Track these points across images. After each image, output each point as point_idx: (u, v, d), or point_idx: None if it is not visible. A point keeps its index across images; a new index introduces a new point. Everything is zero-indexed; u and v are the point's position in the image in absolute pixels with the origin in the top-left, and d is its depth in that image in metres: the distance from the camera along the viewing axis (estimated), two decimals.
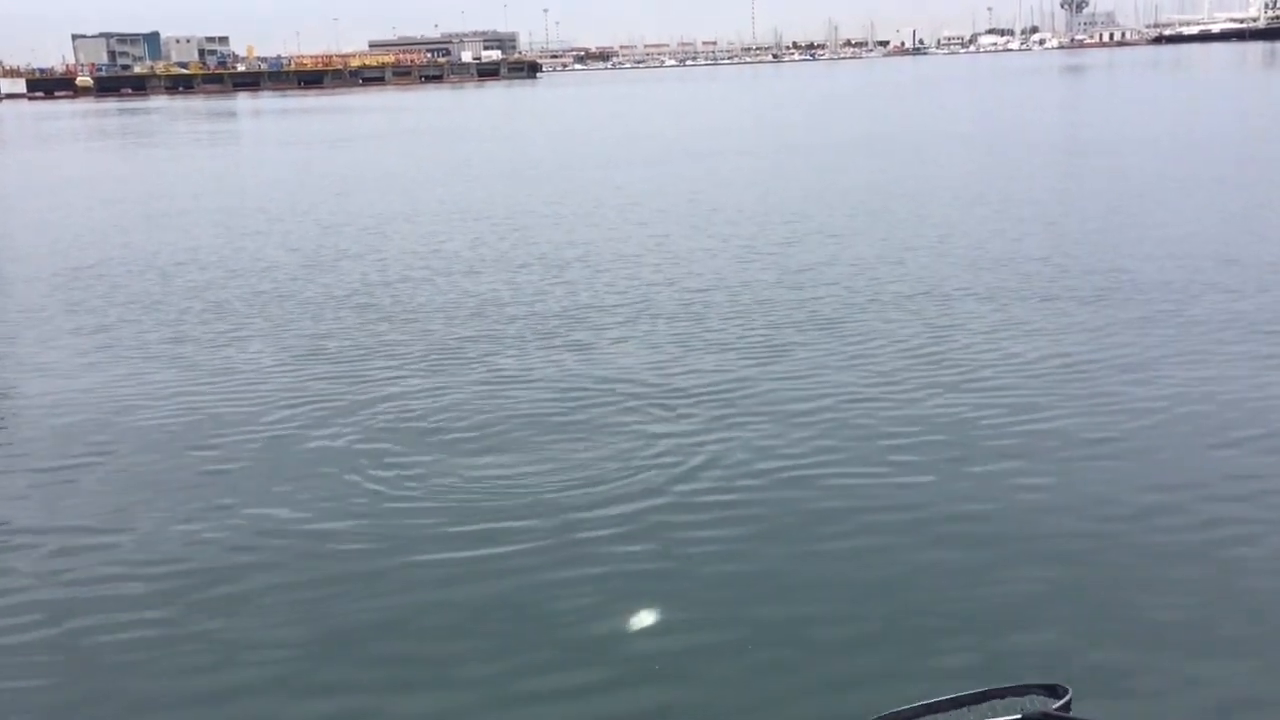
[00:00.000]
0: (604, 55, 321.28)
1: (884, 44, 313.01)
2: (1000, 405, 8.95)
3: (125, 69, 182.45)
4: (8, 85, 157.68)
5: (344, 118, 74.91)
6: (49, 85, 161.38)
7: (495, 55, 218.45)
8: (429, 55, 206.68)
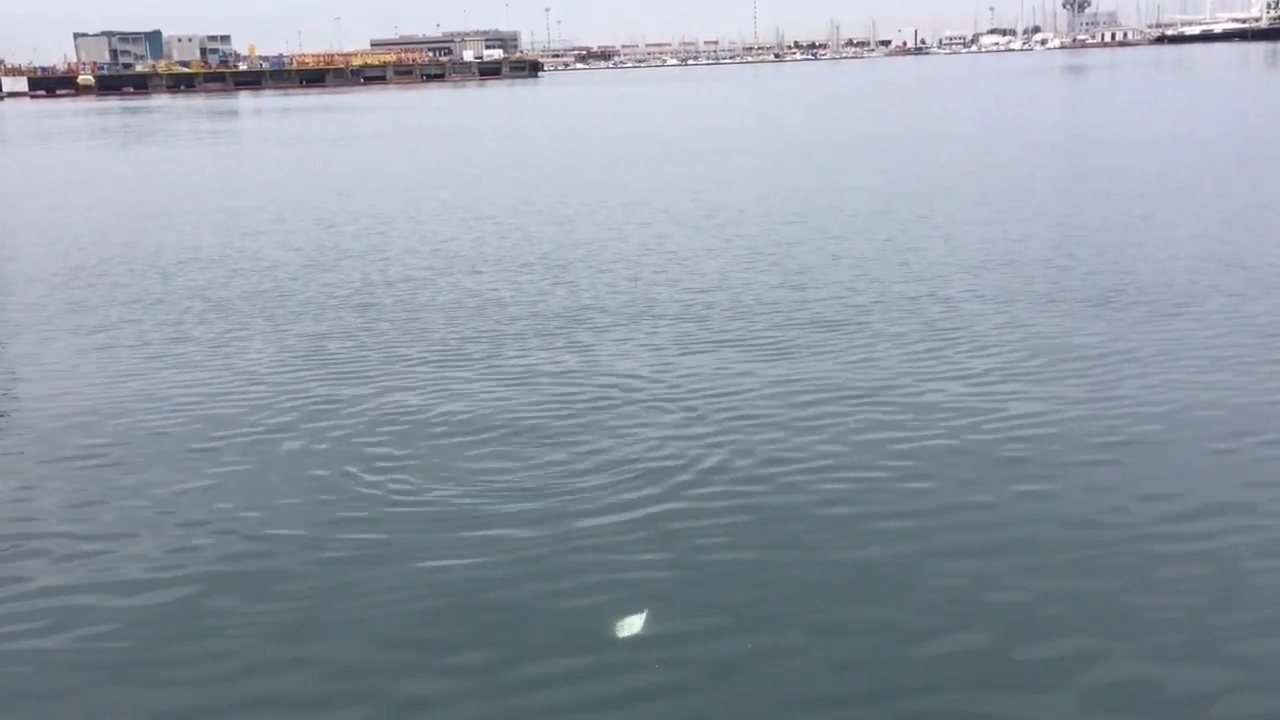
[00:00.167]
0: (605, 55, 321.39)
1: (886, 44, 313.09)
2: (1004, 407, 8.92)
3: (127, 68, 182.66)
4: (10, 84, 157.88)
5: (345, 117, 74.93)
6: (51, 84, 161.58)
7: (497, 54, 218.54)
8: (431, 54, 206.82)
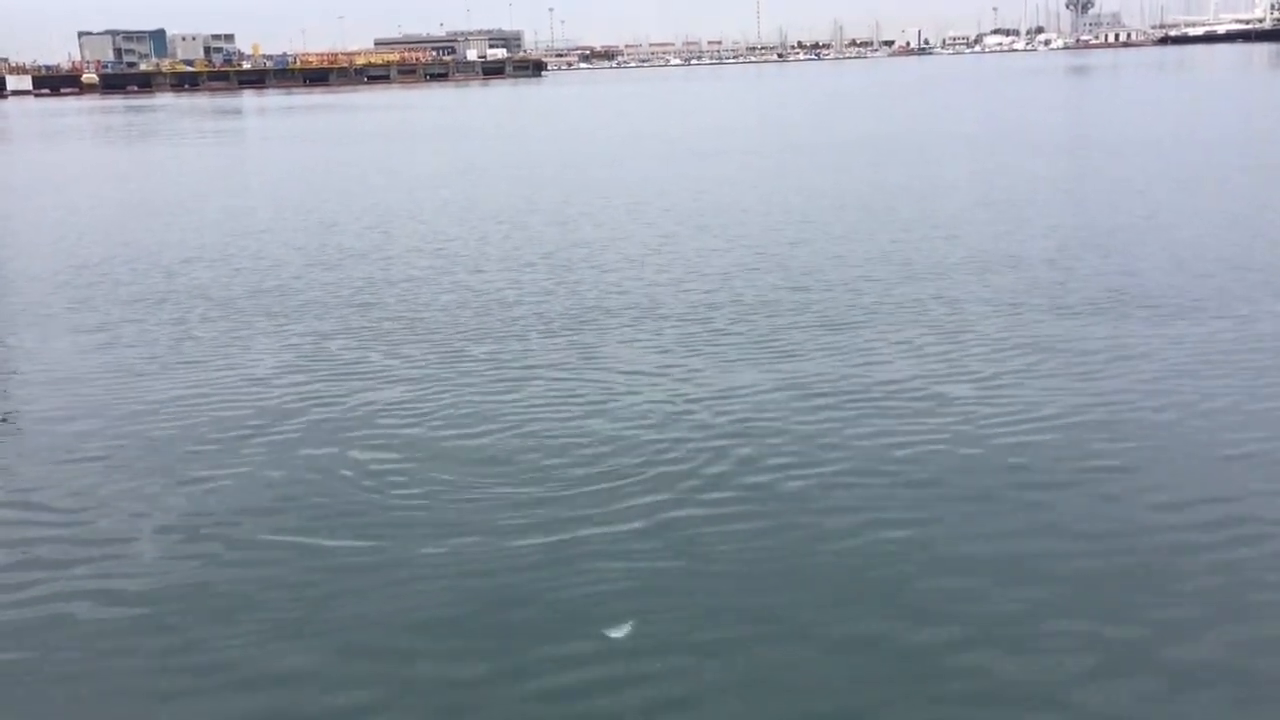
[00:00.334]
0: (609, 54, 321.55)
1: (889, 44, 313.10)
2: (1009, 411, 8.88)
3: (131, 66, 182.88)
4: (14, 82, 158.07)
5: (349, 115, 74.97)
6: (55, 82, 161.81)
7: (500, 54, 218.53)
8: (434, 54, 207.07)
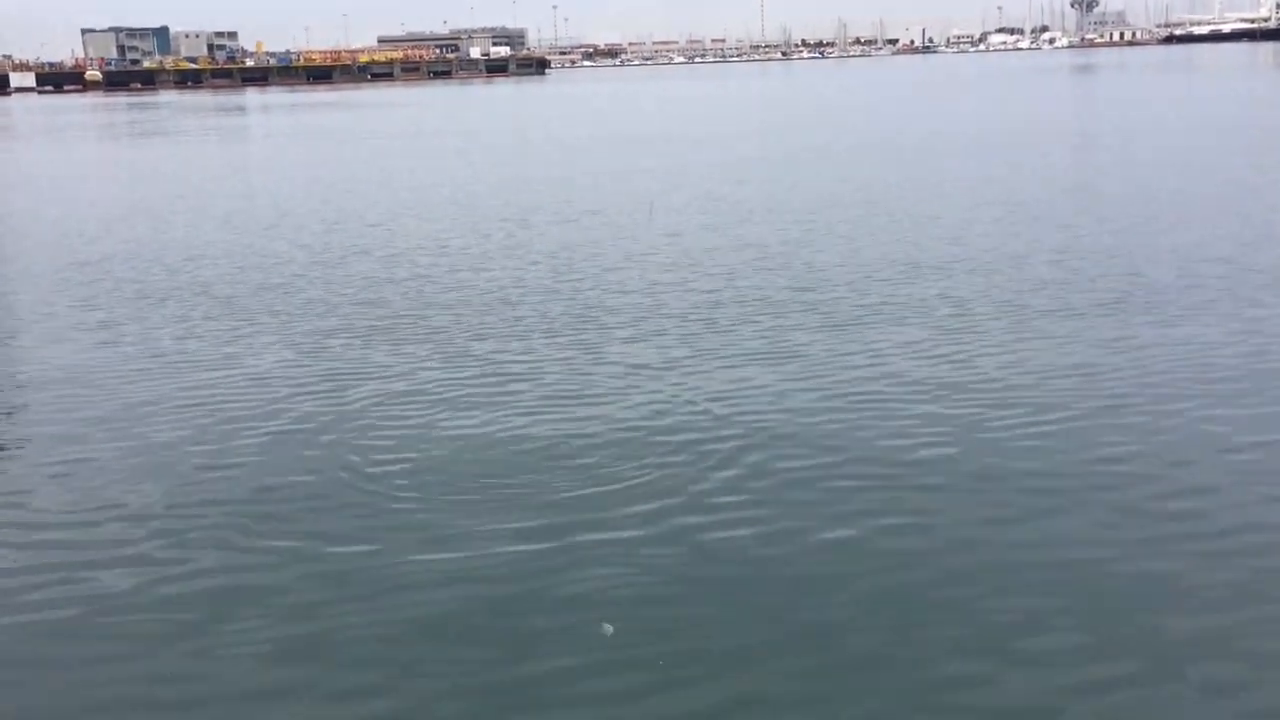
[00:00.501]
0: (612, 52, 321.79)
1: (893, 42, 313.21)
2: (1014, 413, 8.82)
3: (134, 63, 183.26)
4: (17, 79, 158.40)
5: (352, 113, 75.00)
6: (58, 79, 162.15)
7: (504, 52, 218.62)
8: (438, 51, 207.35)
